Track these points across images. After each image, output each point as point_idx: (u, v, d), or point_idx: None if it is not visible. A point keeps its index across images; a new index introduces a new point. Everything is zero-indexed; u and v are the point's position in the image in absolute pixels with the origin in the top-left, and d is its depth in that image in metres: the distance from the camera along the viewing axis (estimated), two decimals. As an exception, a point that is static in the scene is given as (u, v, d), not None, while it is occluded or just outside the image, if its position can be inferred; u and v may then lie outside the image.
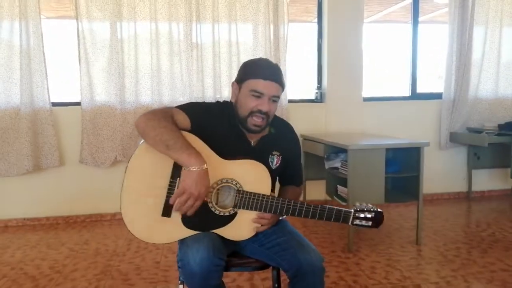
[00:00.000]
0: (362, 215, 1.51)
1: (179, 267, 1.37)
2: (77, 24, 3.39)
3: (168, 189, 1.42)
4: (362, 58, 3.92)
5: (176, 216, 1.42)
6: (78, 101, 3.48)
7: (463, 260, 2.61)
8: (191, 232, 1.43)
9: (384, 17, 4.81)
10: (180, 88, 3.57)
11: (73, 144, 3.51)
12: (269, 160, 1.58)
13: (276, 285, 1.60)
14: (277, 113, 3.78)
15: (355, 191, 2.71)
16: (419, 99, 4.13)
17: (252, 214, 1.47)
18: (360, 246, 2.85)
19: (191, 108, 1.52)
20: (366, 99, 3.98)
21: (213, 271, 1.33)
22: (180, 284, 1.55)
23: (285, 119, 3.58)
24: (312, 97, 4.01)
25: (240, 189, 1.46)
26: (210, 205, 1.44)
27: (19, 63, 3.32)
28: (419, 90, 4.18)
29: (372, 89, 4.15)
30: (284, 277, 1.57)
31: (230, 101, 1.60)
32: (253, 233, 1.49)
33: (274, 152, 1.60)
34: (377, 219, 1.53)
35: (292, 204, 1.47)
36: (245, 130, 1.54)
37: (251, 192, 1.45)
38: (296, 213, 1.47)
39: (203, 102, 1.63)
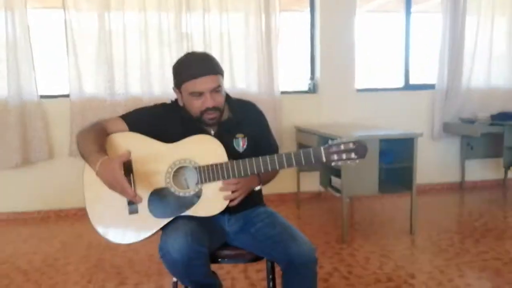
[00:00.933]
0: (338, 149, 1.39)
1: (161, 256, 1.35)
2: (65, 14, 3.33)
3: None
4: (355, 49, 3.89)
5: (143, 210, 1.41)
6: (67, 93, 3.42)
7: (456, 249, 2.62)
8: (164, 221, 1.41)
9: (377, 7, 4.77)
10: (170, 79, 3.49)
11: (62, 137, 3.46)
12: (234, 144, 1.56)
13: (270, 277, 1.58)
14: (270, 104, 3.75)
15: (349, 182, 2.71)
16: (412, 89, 4.12)
17: (218, 185, 1.44)
18: (354, 237, 2.85)
19: (132, 114, 1.55)
20: (360, 90, 3.96)
21: (194, 258, 1.31)
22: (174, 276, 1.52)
23: (277, 110, 3.63)
24: (305, 88, 3.98)
25: (195, 165, 1.43)
26: (172, 189, 1.42)
27: (6, 55, 3.26)
28: (412, 80, 4.17)
29: (365, 80, 4.13)
30: (278, 268, 1.56)
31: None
32: (225, 203, 1.43)
33: (237, 135, 1.57)
34: (360, 149, 1.39)
35: (254, 160, 1.42)
36: (206, 126, 1.54)
37: (208, 165, 1.43)
38: (262, 168, 1.41)
39: (149, 106, 1.60)
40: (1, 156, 3.30)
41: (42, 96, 3.41)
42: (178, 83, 1.50)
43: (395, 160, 2.91)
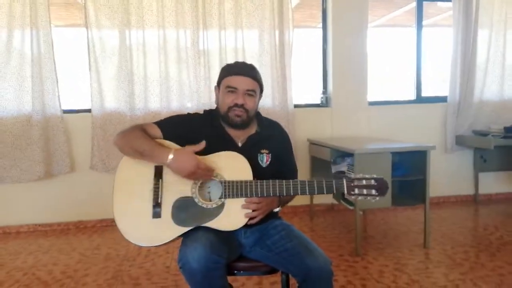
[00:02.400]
0: (360, 184, 1.44)
1: (180, 267, 1.40)
2: (87, 32, 3.45)
3: (154, 191, 1.49)
4: (367, 62, 3.94)
5: (166, 216, 1.48)
6: (89, 108, 3.54)
7: (471, 263, 2.62)
8: (184, 229, 1.47)
9: (388, 21, 4.84)
10: (188, 94, 3.62)
11: (83, 151, 3.57)
12: (258, 159, 1.63)
13: (285, 289, 1.62)
14: (283, 118, 3.82)
15: (362, 195, 2.73)
16: (424, 102, 4.15)
17: (241, 202, 1.49)
18: (367, 250, 2.87)
19: (166, 122, 1.63)
20: (372, 103, 4.00)
21: (212, 268, 1.35)
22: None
23: (291, 123, 3.69)
24: (318, 101, 4.04)
25: (222, 180, 1.49)
26: (196, 200, 1.49)
27: (31, 71, 3.38)
28: (424, 93, 4.20)
29: (378, 93, 4.17)
30: (293, 281, 1.60)
31: (216, 107, 1.68)
32: (245, 220, 1.48)
33: (262, 151, 1.64)
34: (381, 186, 1.44)
35: (277, 183, 1.48)
36: (230, 127, 1.61)
37: (234, 180, 1.48)
38: (284, 191, 1.48)
39: (185, 114, 1.70)
40: (25, 169, 3.42)
41: (65, 111, 3.53)
42: (220, 79, 1.63)
43: (408, 173, 2.93)
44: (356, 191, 1.45)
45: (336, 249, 2.91)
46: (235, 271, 1.58)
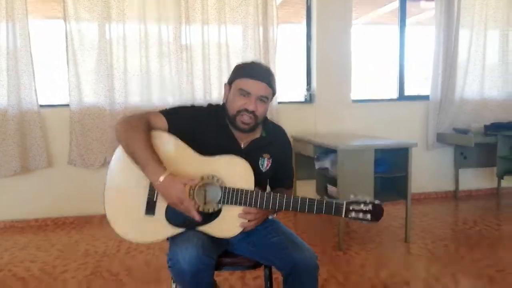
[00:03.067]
0: (357, 208, 1.43)
1: (169, 266, 1.37)
2: (65, 25, 3.37)
3: (149, 188, 1.43)
4: (351, 60, 3.96)
5: (160, 214, 1.43)
6: (67, 102, 3.45)
7: (451, 257, 2.66)
8: (177, 230, 1.43)
9: (372, 19, 4.88)
10: (170, 89, 3.57)
11: (61, 146, 3.48)
12: (259, 162, 1.58)
13: (268, 284, 1.61)
14: (268, 114, 3.80)
15: (344, 191, 2.74)
16: (407, 100, 4.19)
17: (237, 210, 1.45)
18: (350, 245, 2.88)
19: (172, 113, 1.55)
20: (355, 101, 4.02)
21: (202, 269, 1.33)
22: (173, 283, 1.53)
23: (275, 120, 3.67)
24: (302, 98, 4.05)
25: (222, 185, 1.44)
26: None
27: (6, 64, 3.28)
28: (407, 91, 4.24)
29: (361, 90, 4.20)
30: (275, 275, 1.59)
31: (222, 104, 1.62)
32: (239, 230, 1.45)
33: (264, 155, 1.60)
34: (377, 212, 1.44)
35: (278, 197, 1.44)
36: (235, 129, 1.55)
37: (235, 188, 1.43)
38: (284, 206, 1.44)
39: (191, 106, 1.63)
40: (0, 164, 3.31)
41: (41, 106, 3.44)
42: (233, 78, 1.55)
43: (390, 170, 2.95)
44: (353, 214, 1.43)
45: (319, 243, 2.91)
46: (221, 267, 1.55)
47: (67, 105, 3.45)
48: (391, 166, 2.96)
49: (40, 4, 3.69)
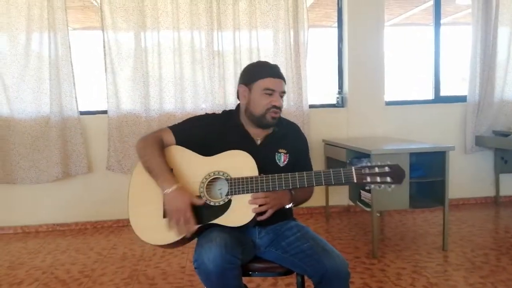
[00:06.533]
0: (372, 171, 1.38)
1: (195, 267, 1.40)
2: (103, 34, 3.50)
3: None
4: (384, 62, 3.89)
5: None
6: (105, 109, 3.58)
7: (492, 266, 2.55)
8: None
9: (405, 20, 4.77)
10: (203, 95, 3.63)
11: (100, 152, 3.61)
12: (276, 158, 1.63)
13: (300, 291, 1.61)
14: (299, 118, 3.80)
15: (379, 197, 2.70)
16: (443, 102, 4.07)
17: (247, 198, 1.49)
18: (385, 252, 2.83)
19: (179, 126, 1.66)
20: (389, 103, 3.94)
21: (227, 268, 1.35)
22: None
23: (306, 124, 3.67)
24: (334, 102, 4.01)
25: (228, 177, 1.51)
26: (204, 198, 1.51)
27: (48, 73, 3.44)
28: (443, 93, 4.11)
29: (395, 92, 4.11)
30: (308, 282, 1.58)
31: (237, 107, 1.71)
32: (252, 215, 1.47)
33: (280, 150, 1.65)
34: (397, 173, 1.37)
35: (283, 176, 1.47)
36: (263, 126, 1.63)
37: (239, 177, 1.50)
38: (290, 184, 1.47)
39: (198, 116, 1.73)
40: (43, 169, 3.48)
41: (81, 113, 3.58)
42: (251, 80, 1.62)
43: (427, 174, 2.87)
44: (368, 179, 1.39)
45: (352, 251, 2.87)
46: (250, 272, 1.58)
47: (105, 112, 3.57)
48: (428, 170, 2.89)
49: (79, 14, 3.85)
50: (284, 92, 1.64)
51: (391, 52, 4.03)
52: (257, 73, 1.62)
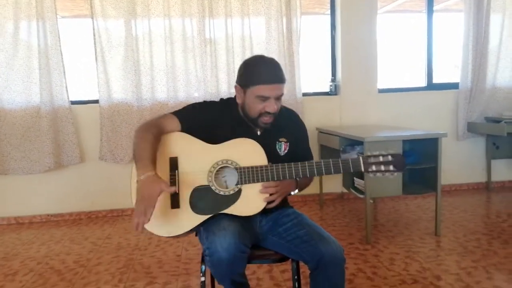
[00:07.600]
0: (376, 160, 1.42)
1: (206, 255, 1.39)
2: (93, 22, 3.44)
3: (170, 182, 1.49)
4: (377, 49, 3.88)
5: (185, 205, 1.49)
6: (96, 99, 3.54)
7: (483, 251, 2.59)
8: (203, 217, 1.47)
9: (398, 7, 4.74)
10: (195, 83, 3.60)
11: (92, 141, 3.58)
12: (277, 147, 1.63)
13: (295, 277, 1.62)
14: (292, 107, 3.79)
15: (372, 183, 2.71)
16: (436, 89, 4.08)
17: (257, 187, 1.49)
18: (378, 238, 2.86)
19: (184, 112, 1.62)
20: (382, 91, 3.95)
21: (239, 257, 1.36)
22: (202, 276, 1.57)
23: (299, 112, 3.66)
24: (327, 89, 4.00)
25: (237, 166, 1.50)
26: (213, 187, 1.49)
27: (38, 62, 3.39)
28: (435, 80, 4.13)
29: (387, 80, 4.11)
30: (302, 269, 1.59)
31: (234, 97, 1.65)
32: (264, 204, 1.49)
33: (280, 139, 1.64)
34: (399, 162, 1.42)
35: (293, 166, 1.48)
36: (257, 127, 1.61)
37: (249, 166, 1.49)
38: (300, 173, 1.48)
39: (203, 102, 1.68)
40: (35, 160, 3.45)
41: (72, 102, 3.54)
42: (246, 84, 1.54)
43: (419, 161, 2.89)
44: (374, 167, 1.43)
45: (346, 237, 2.90)
46: (250, 260, 1.58)
47: (97, 101, 3.53)
48: (420, 157, 2.91)
49: (68, 2, 3.76)
50: (281, 95, 1.55)
51: (384, 39, 4.02)
52: (251, 77, 1.52)
